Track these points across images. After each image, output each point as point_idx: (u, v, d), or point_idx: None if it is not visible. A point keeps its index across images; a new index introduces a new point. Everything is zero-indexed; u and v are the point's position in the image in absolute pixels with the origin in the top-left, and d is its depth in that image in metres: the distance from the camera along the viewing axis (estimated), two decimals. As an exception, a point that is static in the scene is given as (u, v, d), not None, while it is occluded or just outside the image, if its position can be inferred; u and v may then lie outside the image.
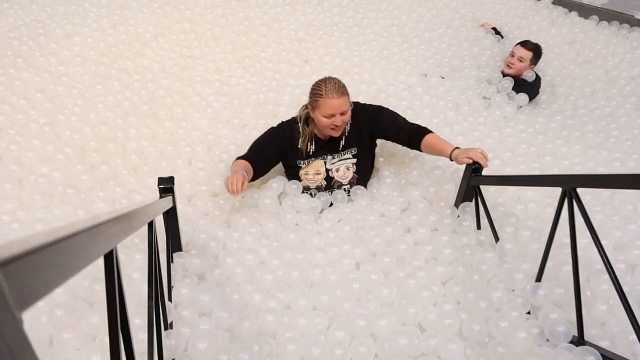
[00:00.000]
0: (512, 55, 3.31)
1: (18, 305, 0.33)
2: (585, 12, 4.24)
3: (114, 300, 0.76)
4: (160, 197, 1.75)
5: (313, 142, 2.28)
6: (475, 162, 2.00)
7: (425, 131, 2.21)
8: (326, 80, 2.13)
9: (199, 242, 1.99)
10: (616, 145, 2.74)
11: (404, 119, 2.29)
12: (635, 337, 1.36)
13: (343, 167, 2.29)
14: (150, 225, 1.33)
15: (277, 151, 2.27)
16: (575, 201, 1.51)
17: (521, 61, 3.26)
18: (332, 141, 2.28)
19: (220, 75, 3.13)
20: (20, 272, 0.34)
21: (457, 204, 2.16)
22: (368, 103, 2.38)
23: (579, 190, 1.52)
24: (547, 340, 1.58)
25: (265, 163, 2.26)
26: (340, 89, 2.10)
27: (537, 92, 3.32)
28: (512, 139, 2.72)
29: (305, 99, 2.80)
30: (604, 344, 1.54)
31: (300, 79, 3.08)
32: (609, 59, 3.65)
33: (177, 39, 3.42)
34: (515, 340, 1.54)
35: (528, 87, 3.26)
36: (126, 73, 2.97)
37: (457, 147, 2.09)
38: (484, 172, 2.03)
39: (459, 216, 2.11)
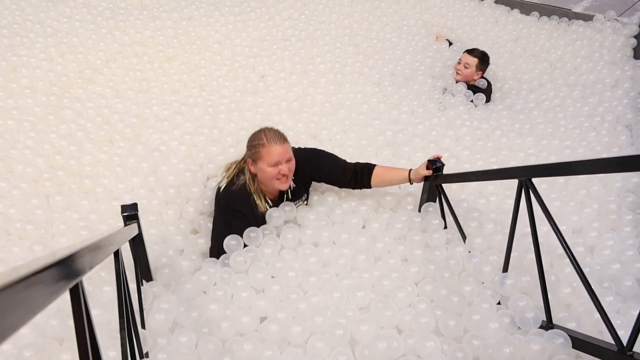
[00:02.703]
0: (459, 62, 3.43)
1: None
2: (527, 8, 4.44)
3: (83, 333, 0.75)
4: (125, 224, 1.72)
5: (267, 201, 2.13)
6: (435, 163, 2.06)
7: (371, 165, 2.20)
8: (264, 130, 2.03)
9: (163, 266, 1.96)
10: (565, 134, 2.86)
11: (343, 159, 2.24)
12: (599, 315, 1.43)
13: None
14: (117, 254, 1.30)
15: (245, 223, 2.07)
16: (532, 191, 1.58)
17: (467, 67, 3.38)
18: (281, 197, 2.19)
19: (177, 96, 3.10)
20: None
21: (420, 205, 2.21)
22: (302, 147, 2.28)
23: (536, 180, 1.59)
24: (519, 328, 1.63)
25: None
26: (281, 135, 2.02)
27: (489, 99, 3.45)
28: (468, 137, 2.81)
29: (262, 116, 2.83)
30: (571, 325, 1.61)
31: (258, 97, 3.10)
32: (552, 51, 3.83)
33: (130, 63, 3.37)
34: (488, 332, 1.59)
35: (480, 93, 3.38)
36: (79, 101, 2.90)
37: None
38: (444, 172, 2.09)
39: (419, 210, 2.15)
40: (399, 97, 3.19)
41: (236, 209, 2.03)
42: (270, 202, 2.13)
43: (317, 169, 2.19)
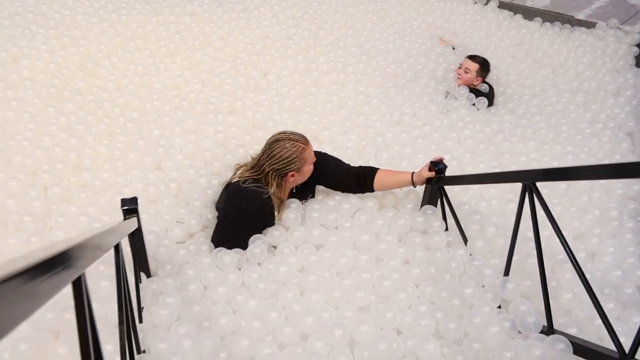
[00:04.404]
0: (460, 66, 3.44)
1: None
2: (530, 14, 4.43)
3: (85, 326, 0.73)
4: (125, 218, 1.70)
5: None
6: (437, 165, 2.05)
7: (374, 168, 2.19)
8: (288, 137, 2.00)
9: (165, 261, 1.94)
10: (567, 139, 2.86)
11: (347, 163, 2.24)
12: (600, 321, 1.42)
13: None
14: (117, 248, 1.28)
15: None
16: (536, 195, 1.57)
17: (467, 72, 3.38)
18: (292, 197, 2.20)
19: (179, 92, 3.08)
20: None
21: (422, 207, 2.20)
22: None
23: (538, 184, 1.58)
24: (519, 332, 1.62)
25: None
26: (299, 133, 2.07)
27: (492, 103, 3.44)
28: (470, 140, 2.80)
29: (263, 116, 2.82)
30: (572, 331, 1.60)
31: (260, 94, 3.08)
32: (554, 57, 3.83)
33: (131, 57, 3.35)
34: (488, 335, 1.58)
35: (482, 97, 3.37)
36: (80, 94, 2.88)
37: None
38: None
39: (419, 209, 2.14)
40: (401, 98, 3.18)
41: (245, 209, 1.99)
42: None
43: (321, 171, 2.17)
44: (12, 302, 0.44)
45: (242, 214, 2.00)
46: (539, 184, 1.58)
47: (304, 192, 2.23)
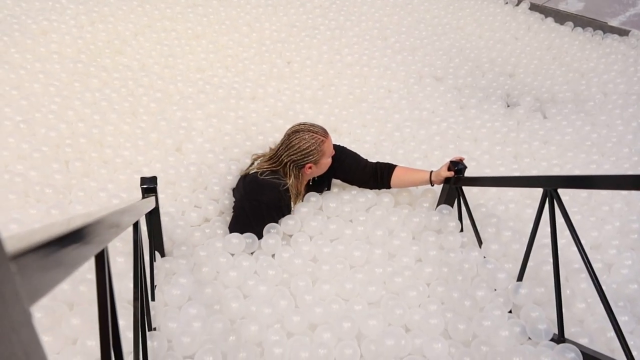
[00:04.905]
0: None
1: (28, 300, 0.32)
2: (561, 18, 4.35)
3: (105, 300, 0.74)
4: (143, 197, 1.72)
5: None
6: (457, 165, 2.04)
7: (392, 165, 2.18)
8: (308, 128, 2.00)
9: (180, 242, 1.97)
10: (592, 148, 2.81)
11: (365, 158, 2.24)
12: (612, 333, 1.40)
13: None
14: (136, 226, 1.30)
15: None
16: (557, 202, 1.55)
17: None
18: (308, 189, 2.22)
19: (202, 75, 3.09)
20: (30, 266, 0.33)
21: (438, 206, 2.19)
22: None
23: (560, 190, 1.56)
24: (529, 338, 1.61)
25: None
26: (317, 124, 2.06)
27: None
28: (486, 142, 2.76)
29: (284, 104, 2.82)
30: (583, 341, 1.58)
31: (282, 83, 3.08)
32: (584, 63, 3.75)
33: (158, 37, 3.37)
34: (498, 339, 1.57)
35: None
36: (105, 71, 2.91)
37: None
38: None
39: (435, 208, 2.13)
40: (423, 95, 3.15)
41: (262, 201, 2.00)
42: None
43: (339, 164, 2.17)
44: (38, 272, 0.45)
45: (260, 206, 2.00)
46: (559, 191, 1.56)
47: (320, 185, 2.23)
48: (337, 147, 2.18)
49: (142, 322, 1.32)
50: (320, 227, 2.04)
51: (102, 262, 0.75)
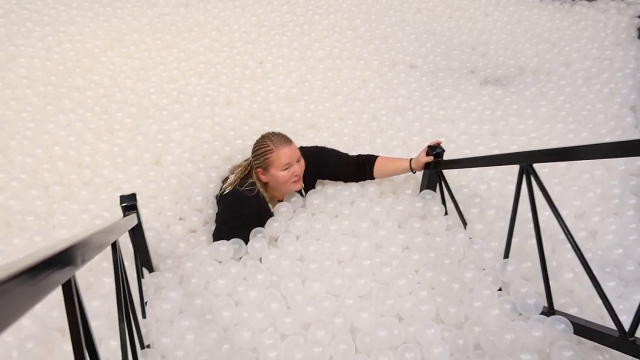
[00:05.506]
0: None
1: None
2: (529, -10, 4.35)
3: (77, 329, 0.74)
4: (124, 215, 1.72)
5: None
6: (435, 149, 2.04)
7: (373, 156, 2.19)
8: (268, 136, 1.99)
9: (166, 255, 1.96)
10: (568, 117, 2.82)
11: (345, 153, 2.23)
12: (601, 301, 1.42)
13: None
14: (114, 246, 1.29)
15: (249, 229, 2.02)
16: (533, 177, 1.56)
17: None
18: None
19: (176, 84, 3.07)
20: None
21: (421, 192, 2.19)
22: (304, 146, 2.22)
23: (538, 164, 1.56)
24: (520, 314, 1.62)
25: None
26: (286, 137, 2.00)
27: None
28: (463, 123, 2.77)
29: (259, 106, 2.81)
30: (573, 311, 1.60)
31: (256, 84, 3.07)
32: (554, 32, 3.76)
33: (128, 51, 3.34)
34: (489, 318, 1.58)
35: None
36: (77, 90, 2.89)
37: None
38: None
39: (418, 194, 2.13)
40: (398, 82, 3.15)
41: (244, 213, 2.00)
42: None
43: (323, 165, 2.17)
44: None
45: (241, 217, 2.00)
46: (538, 165, 1.57)
47: (306, 189, 2.21)
48: (315, 149, 2.19)
49: (132, 342, 1.31)
50: (305, 226, 2.04)
51: (69, 290, 0.75)
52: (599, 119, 2.73)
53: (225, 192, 2.05)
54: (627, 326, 1.32)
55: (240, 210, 2.00)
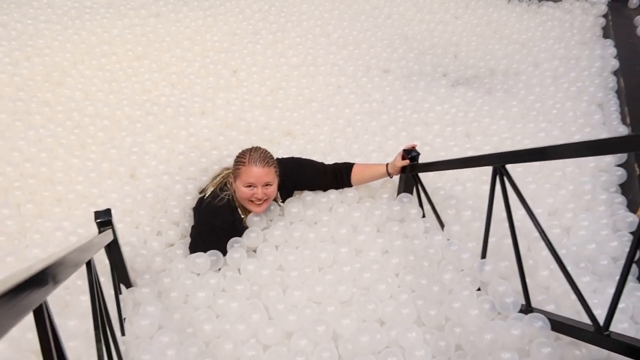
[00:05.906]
0: None
1: None
2: (497, -8, 4.44)
3: (50, 357, 0.72)
4: (100, 231, 1.69)
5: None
6: (410, 153, 2.06)
7: (350, 164, 2.20)
8: (252, 149, 1.98)
9: (142, 270, 1.93)
10: (539, 116, 2.89)
11: (322, 162, 2.24)
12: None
13: None
14: (89, 265, 1.27)
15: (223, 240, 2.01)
16: (506, 177, 1.59)
17: None
18: None
19: (149, 96, 3.04)
20: None
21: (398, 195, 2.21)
22: (280, 158, 2.19)
23: (510, 165, 1.60)
24: (499, 313, 1.64)
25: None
26: (266, 159, 1.95)
27: None
28: (437, 126, 2.81)
29: (234, 115, 2.80)
30: (550, 308, 1.63)
31: (230, 93, 3.06)
32: (523, 33, 3.85)
33: (98, 63, 3.29)
34: (469, 319, 1.60)
35: None
36: (47, 105, 2.83)
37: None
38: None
39: (395, 198, 2.15)
40: (372, 86, 3.18)
41: (216, 225, 2.00)
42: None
43: (300, 176, 2.16)
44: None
45: (213, 229, 2.00)
46: (511, 165, 1.60)
47: (282, 197, 2.21)
48: (291, 161, 2.19)
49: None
50: (284, 234, 2.03)
51: (41, 316, 0.73)
52: (568, 117, 2.80)
53: (201, 201, 2.04)
54: (601, 320, 1.35)
55: (213, 222, 1.99)
